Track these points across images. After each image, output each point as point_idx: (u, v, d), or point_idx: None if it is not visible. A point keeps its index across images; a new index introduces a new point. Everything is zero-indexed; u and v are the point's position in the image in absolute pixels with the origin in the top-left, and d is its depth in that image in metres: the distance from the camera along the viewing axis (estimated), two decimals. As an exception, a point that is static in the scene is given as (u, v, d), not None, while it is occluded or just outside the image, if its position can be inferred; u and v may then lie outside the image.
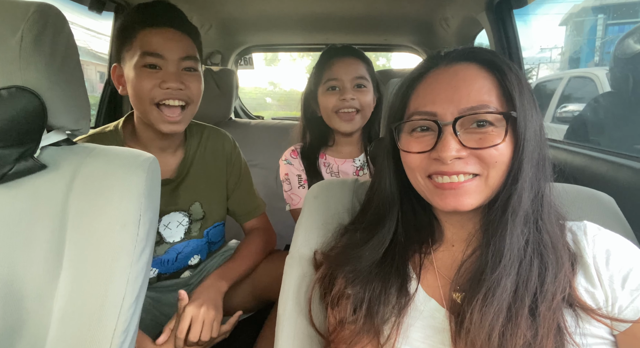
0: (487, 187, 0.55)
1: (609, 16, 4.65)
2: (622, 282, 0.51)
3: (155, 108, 0.96)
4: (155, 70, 0.95)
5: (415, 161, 0.58)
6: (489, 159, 0.53)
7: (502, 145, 0.53)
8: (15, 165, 0.62)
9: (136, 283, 0.63)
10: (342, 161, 1.24)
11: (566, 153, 1.04)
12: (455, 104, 0.55)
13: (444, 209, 0.57)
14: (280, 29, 2.13)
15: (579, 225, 0.58)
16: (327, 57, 1.21)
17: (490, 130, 0.54)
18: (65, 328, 0.60)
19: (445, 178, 0.55)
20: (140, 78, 0.94)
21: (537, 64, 5.14)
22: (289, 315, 0.68)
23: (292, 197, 1.25)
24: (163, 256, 1.07)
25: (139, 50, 0.94)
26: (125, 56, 0.97)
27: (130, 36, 0.95)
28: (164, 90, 0.95)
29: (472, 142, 0.54)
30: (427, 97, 0.58)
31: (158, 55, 0.94)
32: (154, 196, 0.68)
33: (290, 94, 9.64)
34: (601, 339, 0.52)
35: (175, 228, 1.08)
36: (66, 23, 0.66)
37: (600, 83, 2.92)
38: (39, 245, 0.62)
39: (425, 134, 0.58)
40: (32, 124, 0.62)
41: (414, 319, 0.58)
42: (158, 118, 0.96)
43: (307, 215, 0.76)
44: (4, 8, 0.61)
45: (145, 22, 0.95)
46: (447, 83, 0.57)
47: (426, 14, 1.81)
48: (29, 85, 0.60)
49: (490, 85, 0.55)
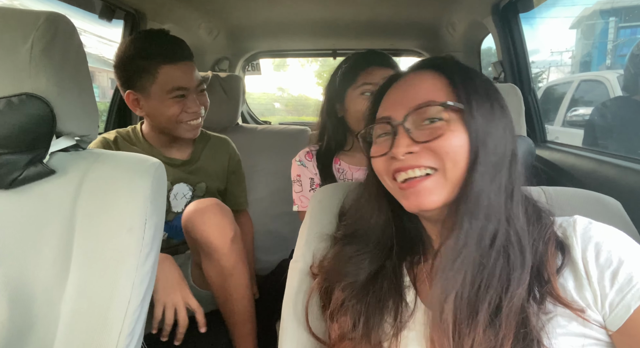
0: (447, 182, 0.55)
1: (620, 19, 4.60)
2: (612, 278, 0.49)
3: (181, 124, 1.17)
4: (181, 99, 1.15)
5: (380, 165, 0.60)
6: (440, 150, 0.54)
7: (451, 136, 0.54)
8: (25, 170, 0.64)
9: (142, 287, 0.64)
10: (356, 168, 1.21)
11: (574, 157, 1.04)
12: (405, 105, 0.58)
13: (410, 210, 0.58)
14: (287, 35, 2.15)
15: (569, 220, 0.56)
16: (366, 61, 1.16)
17: (439, 124, 0.55)
18: (72, 331, 0.61)
19: (403, 175, 0.56)
20: (168, 107, 1.14)
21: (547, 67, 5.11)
22: (292, 321, 0.68)
23: (302, 200, 1.22)
24: (172, 222, 1.26)
25: (167, 85, 1.11)
26: (147, 87, 1.12)
27: (152, 70, 1.10)
28: (190, 113, 1.17)
29: (423, 137, 0.55)
30: (384, 105, 0.62)
31: (184, 88, 1.14)
32: (160, 201, 0.69)
33: (298, 99, 9.67)
34: (594, 340, 0.50)
35: (180, 200, 1.27)
36: (75, 32, 0.67)
37: (612, 86, 2.89)
38: (47, 249, 0.63)
39: (385, 138, 0.60)
40: (41, 130, 0.64)
41: (414, 331, 0.58)
42: (184, 129, 1.19)
43: (311, 219, 0.76)
44: (15, 17, 0.62)
45: (167, 59, 1.11)
46: (400, 89, 0.61)
47: (432, 18, 1.81)
48: (39, 93, 0.62)
49: (439, 84, 0.58)
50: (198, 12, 1.70)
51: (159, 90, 1.12)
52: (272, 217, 1.64)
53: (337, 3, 1.63)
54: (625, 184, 0.80)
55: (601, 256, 0.50)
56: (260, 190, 1.65)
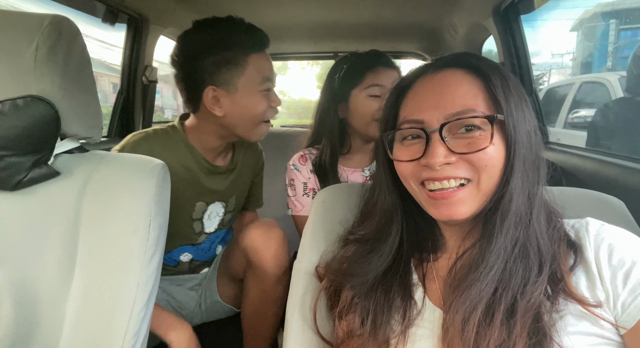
0: (480, 193, 0.54)
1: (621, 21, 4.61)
2: (625, 278, 0.49)
3: (263, 124, 1.06)
4: (267, 93, 1.03)
5: (407, 169, 0.58)
6: (479, 163, 0.53)
7: (491, 148, 0.53)
8: (30, 172, 0.64)
9: (146, 288, 0.64)
10: (351, 171, 1.21)
11: (577, 157, 1.03)
12: (441, 111, 0.55)
13: (439, 219, 0.57)
14: (288, 38, 2.15)
15: (581, 222, 0.56)
16: (373, 62, 1.14)
17: (478, 134, 0.53)
18: (78, 331, 0.61)
19: (437, 185, 0.55)
20: (259, 101, 1.02)
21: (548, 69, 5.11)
22: (297, 322, 0.68)
23: (296, 204, 1.22)
24: (201, 245, 1.18)
25: (258, 76, 1.00)
26: (233, 80, 0.99)
27: (240, 62, 0.98)
28: (273, 109, 1.06)
29: (460, 147, 0.54)
30: (415, 106, 0.58)
31: (271, 80, 1.04)
32: (164, 202, 0.69)
33: (299, 102, 9.69)
34: (606, 340, 0.50)
35: (213, 219, 1.18)
36: (79, 34, 0.68)
37: (613, 88, 2.89)
38: (52, 250, 0.63)
39: (414, 142, 0.58)
40: (46, 132, 0.64)
41: (422, 329, 0.58)
42: (262, 129, 1.07)
43: (314, 220, 0.76)
44: (20, 20, 0.63)
45: (254, 48, 1.01)
46: (432, 90, 0.57)
47: (433, 21, 1.81)
48: (44, 95, 0.62)
49: (476, 89, 0.55)
50: (200, 16, 1.69)
51: (248, 82, 0.99)
52: (274, 219, 1.63)
53: (338, 6, 1.63)
54: (629, 184, 0.80)
55: (614, 257, 0.51)
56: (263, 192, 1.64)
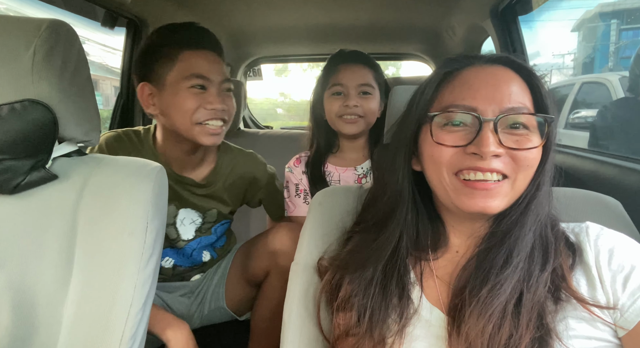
0: (513, 191, 0.55)
1: (622, 21, 4.61)
2: (624, 282, 0.50)
3: (197, 125, 0.99)
4: (201, 91, 0.98)
5: (446, 155, 0.56)
6: (523, 161, 0.53)
7: (535, 149, 0.54)
8: (28, 175, 0.64)
9: (143, 290, 0.64)
10: (343, 169, 1.24)
11: (574, 157, 1.03)
12: (497, 102, 0.54)
13: (470, 210, 0.54)
14: (288, 41, 2.16)
15: (581, 226, 0.57)
16: (335, 62, 1.22)
17: (525, 133, 0.54)
18: (75, 334, 0.61)
19: (479, 175, 0.54)
20: (186, 98, 0.97)
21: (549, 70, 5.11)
22: (295, 321, 0.68)
23: (289, 205, 1.28)
24: (182, 249, 1.15)
25: (186, 71, 0.96)
26: (163, 76, 0.98)
27: (171, 57, 0.97)
28: (208, 111, 0.99)
29: (510, 142, 0.53)
30: (466, 92, 0.56)
31: (205, 78, 0.98)
32: (161, 204, 0.70)
33: (300, 105, 9.68)
34: (605, 342, 0.51)
35: (188, 225, 1.13)
36: (77, 38, 0.68)
37: (614, 88, 2.89)
38: (50, 254, 0.64)
39: (460, 129, 0.56)
40: (44, 136, 0.64)
41: (418, 329, 0.58)
42: (201, 132, 1.00)
43: (311, 221, 0.76)
44: (18, 24, 0.64)
45: (189, 44, 0.98)
46: (486, 81, 0.56)
47: (432, 22, 1.82)
48: (41, 99, 0.63)
49: (526, 90, 0.56)
50: (199, 19, 1.69)
51: (175, 78, 0.97)
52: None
53: (338, 8, 1.64)
54: (626, 184, 0.80)
55: (613, 261, 0.51)
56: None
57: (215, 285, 1.21)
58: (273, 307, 1.10)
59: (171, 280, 1.18)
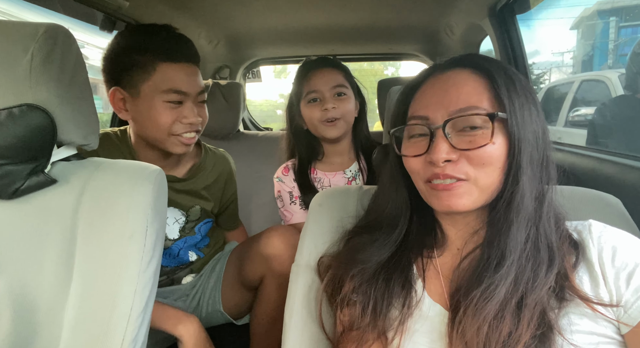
0: (479, 189, 0.55)
1: (621, 18, 4.61)
2: (628, 279, 0.50)
3: (172, 136, 0.99)
4: (176, 106, 0.98)
5: (415, 165, 0.59)
6: (478, 160, 0.54)
7: (491, 146, 0.54)
8: (27, 180, 0.64)
9: (144, 294, 0.64)
10: (332, 174, 1.26)
11: (574, 155, 1.03)
12: (445, 107, 0.56)
13: (440, 209, 0.59)
14: (287, 42, 2.16)
15: (584, 224, 0.57)
16: (305, 71, 1.24)
17: (480, 132, 0.54)
18: (76, 339, 0.61)
19: (438, 181, 0.56)
20: (161, 113, 0.96)
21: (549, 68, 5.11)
22: (296, 322, 0.68)
23: (285, 214, 1.28)
24: (168, 249, 1.15)
25: (163, 85, 0.95)
26: (137, 85, 0.96)
27: (147, 67, 0.95)
28: (184, 125, 0.99)
29: (462, 144, 0.54)
30: (421, 103, 0.60)
31: (182, 92, 0.97)
32: (161, 207, 0.70)
33: (300, 106, 9.67)
34: (608, 338, 0.51)
35: (172, 225, 1.13)
36: (75, 42, 0.68)
37: (613, 86, 2.88)
38: (50, 258, 0.64)
39: (421, 139, 0.59)
40: (42, 141, 0.64)
41: (420, 324, 0.58)
42: (174, 143, 1.00)
43: (312, 222, 0.77)
44: (15, 29, 0.64)
45: (167, 56, 0.96)
46: (439, 88, 0.58)
47: (430, 22, 1.82)
48: (40, 103, 0.63)
49: (481, 88, 0.56)
50: (198, 21, 1.71)
51: (151, 90, 0.95)
52: (275, 223, 1.64)
53: (336, 9, 1.64)
54: (626, 182, 0.80)
55: (617, 258, 0.51)
56: (263, 196, 1.65)
57: (212, 288, 1.20)
58: (271, 311, 1.10)
59: (160, 282, 1.16)
